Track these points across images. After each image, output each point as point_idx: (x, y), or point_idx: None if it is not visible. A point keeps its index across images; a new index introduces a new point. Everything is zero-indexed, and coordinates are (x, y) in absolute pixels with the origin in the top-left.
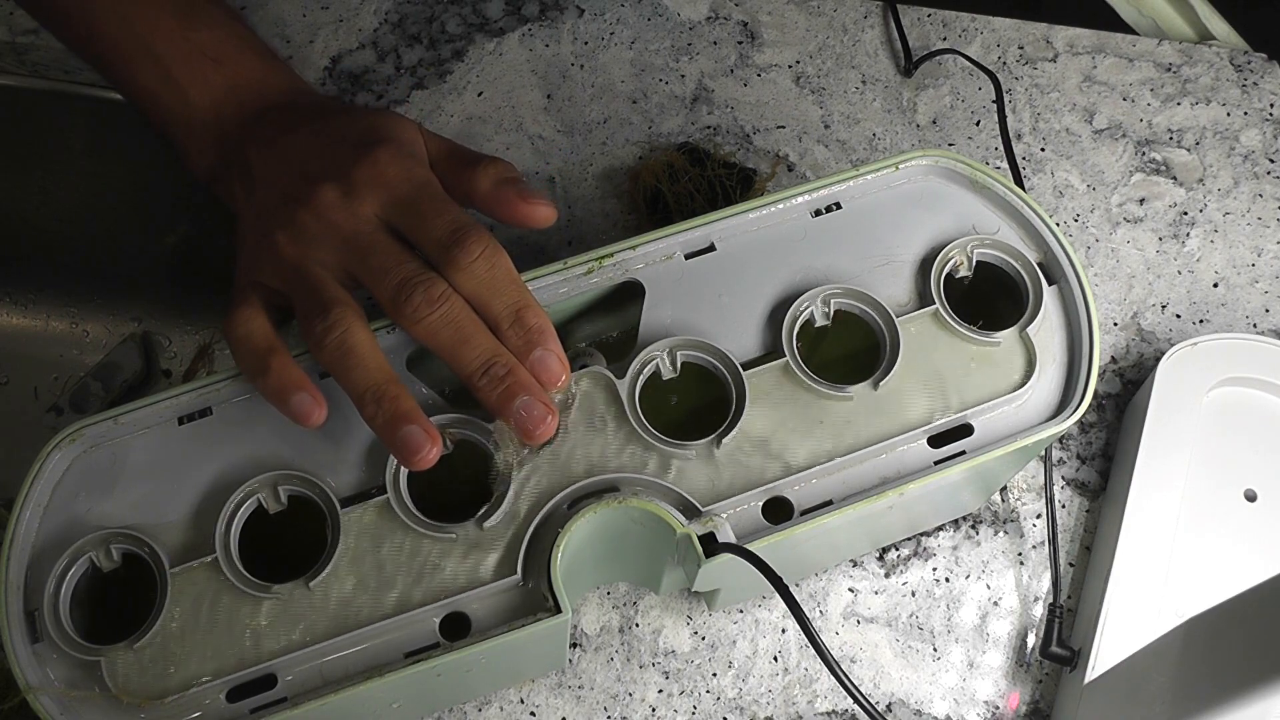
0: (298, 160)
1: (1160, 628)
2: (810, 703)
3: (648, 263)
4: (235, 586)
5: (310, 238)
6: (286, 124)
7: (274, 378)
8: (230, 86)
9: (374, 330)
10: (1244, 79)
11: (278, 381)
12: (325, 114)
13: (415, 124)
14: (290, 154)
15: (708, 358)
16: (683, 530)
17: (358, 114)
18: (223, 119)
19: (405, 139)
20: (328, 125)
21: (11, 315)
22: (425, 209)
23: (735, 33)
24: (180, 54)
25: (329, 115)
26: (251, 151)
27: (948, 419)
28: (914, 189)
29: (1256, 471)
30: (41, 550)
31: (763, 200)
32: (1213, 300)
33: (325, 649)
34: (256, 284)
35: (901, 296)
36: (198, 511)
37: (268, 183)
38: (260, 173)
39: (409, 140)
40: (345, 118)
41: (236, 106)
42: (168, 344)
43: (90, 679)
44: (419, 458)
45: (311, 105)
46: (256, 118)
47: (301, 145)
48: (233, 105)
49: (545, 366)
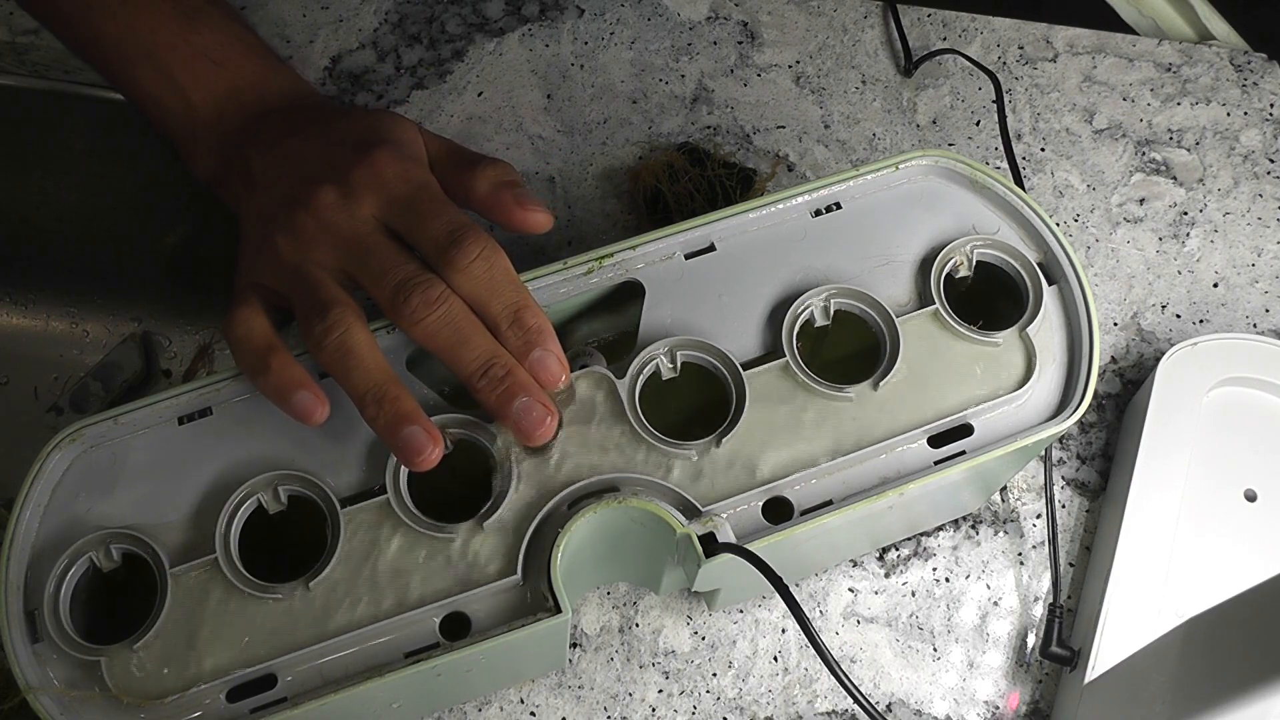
0: (297, 162)
1: (1160, 628)
2: (810, 703)
3: (648, 263)
4: (235, 586)
5: (309, 239)
6: (287, 126)
7: (274, 376)
8: (232, 89)
9: (373, 331)
10: (1244, 79)
11: (278, 380)
12: (325, 116)
13: (414, 124)
14: (290, 156)
15: (708, 358)
16: (683, 530)
17: (357, 115)
18: (224, 121)
19: (404, 140)
20: (328, 127)
21: (11, 315)
22: (423, 210)
23: (735, 33)
24: (182, 57)
25: (329, 118)
26: (252, 154)
27: (947, 419)
28: (914, 189)
29: (1256, 471)
30: (41, 550)
31: (763, 200)
32: (1213, 300)
33: (325, 649)
34: (256, 285)
35: (901, 296)
36: (198, 511)
37: (268, 185)
38: (261, 175)
39: (408, 141)
40: (345, 120)
41: (238, 109)
42: (168, 344)
43: (90, 679)
44: (421, 459)
45: (312, 107)
46: (258, 120)
47: (302, 147)
48: (234, 107)
49: (544, 367)
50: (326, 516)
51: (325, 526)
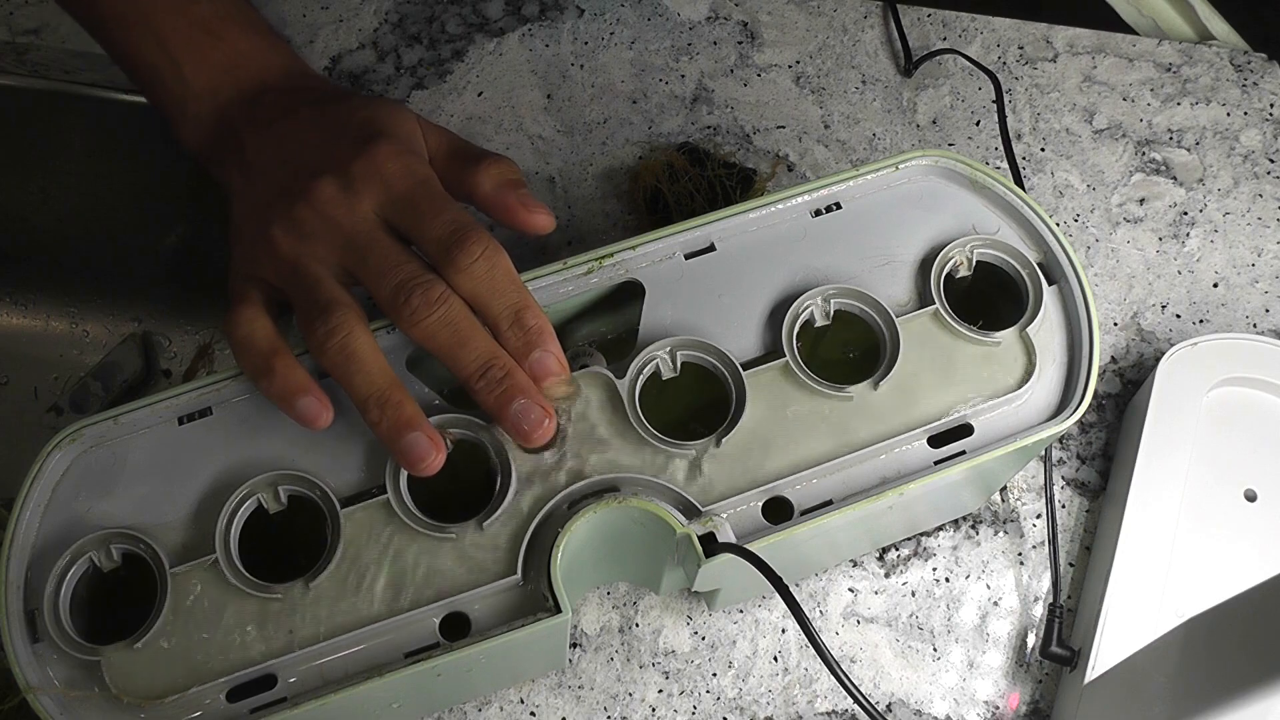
0: (295, 149)
1: (1160, 628)
2: (810, 703)
3: (648, 263)
4: (235, 586)
5: (308, 234)
6: (284, 106)
7: (279, 380)
8: (228, 63)
9: (373, 330)
10: (1244, 79)
11: (283, 384)
12: (324, 100)
13: (414, 114)
14: (288, 141)
15: (708, 358)
16: (683, 530)
17: (356, 102)
18: (219, 96)
19: (404, 132)
20: (325, 112)
21: (11, 315)
22: (424, 208)
23: (735, 33)
24: (179, 27)
25: (327, 101)
26: (247, 134)
27: (947, 419)
28: (914, 189)
29: (1256, 471)
30: (42, 550)
31: (763, 200)
32: (1213, 300)
33: (325, 649)
34: (255, 279)
35: (901, 296)
36: (198, 511)
37: (264, 173)
38: (256, 159)
39: (408, 134)
40: (344, 105)
41: (233, 83)
42: (168, 344)
43: (90, 679)
44: (424, 465)
45: (310, 89)
46: (254, 98)
47: (299, 133)
48: (229, 81)
49: (544, 367)
50: (326, 516)
51: (325, 526)
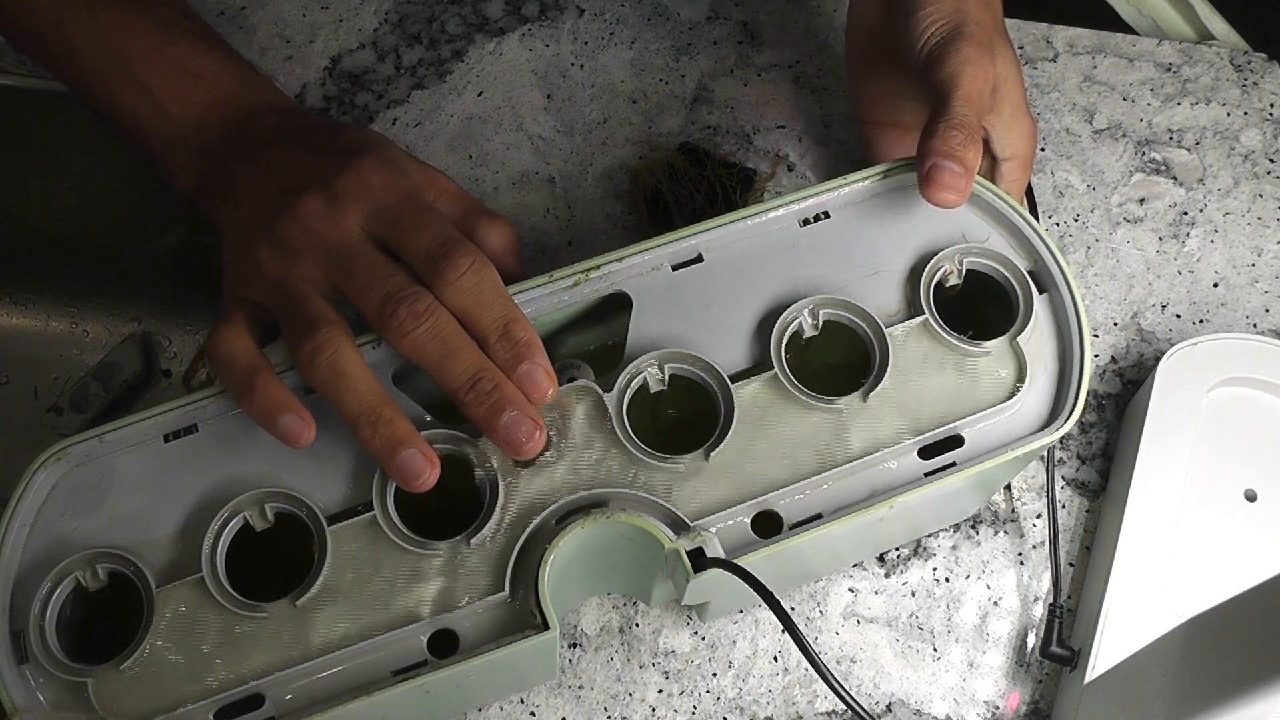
0: (281, 170)
1: (1160, 628)
2: (810, 703)
3: (635, 274)
4: (222, 605)
5: (294, 251)
6: (269, 136)
7: (260, 398)
8: (211, 101)
9: (359, 345)
10: (1244, 79)
11: (264, 402)
12: (308, 128)
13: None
14: (274, 165)
15: (696, 370)
16: (671, 545)
17: (341, 129)
18: (205, 134)
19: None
20: (310, 137)
21: (11, 315)
22: (410, 221)
23: (735, 33)
24: (158, 69)
25: (312, 129)
26: (235, 165)
27: (938, 430)
28: (903, 196)
29: (1256, 471)
30: (27, 570)
31: (750, 210)
32: (1213, 300)
33: (313, 668)
34: (241, 299)
35: (891, 306)
36: (184, 530)
37: (251, 196)
38: (244, 185)
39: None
40: (328, 132)
41: (219, 120)
42: (168, 344)
43: (77, 700)
44: (419, 482)
45: (294, 119)
46: (239, 131)
47: (284, 156)
48: (215, 119)
49: (532, 380)
50: (313, 534)
51: (312, 544)
